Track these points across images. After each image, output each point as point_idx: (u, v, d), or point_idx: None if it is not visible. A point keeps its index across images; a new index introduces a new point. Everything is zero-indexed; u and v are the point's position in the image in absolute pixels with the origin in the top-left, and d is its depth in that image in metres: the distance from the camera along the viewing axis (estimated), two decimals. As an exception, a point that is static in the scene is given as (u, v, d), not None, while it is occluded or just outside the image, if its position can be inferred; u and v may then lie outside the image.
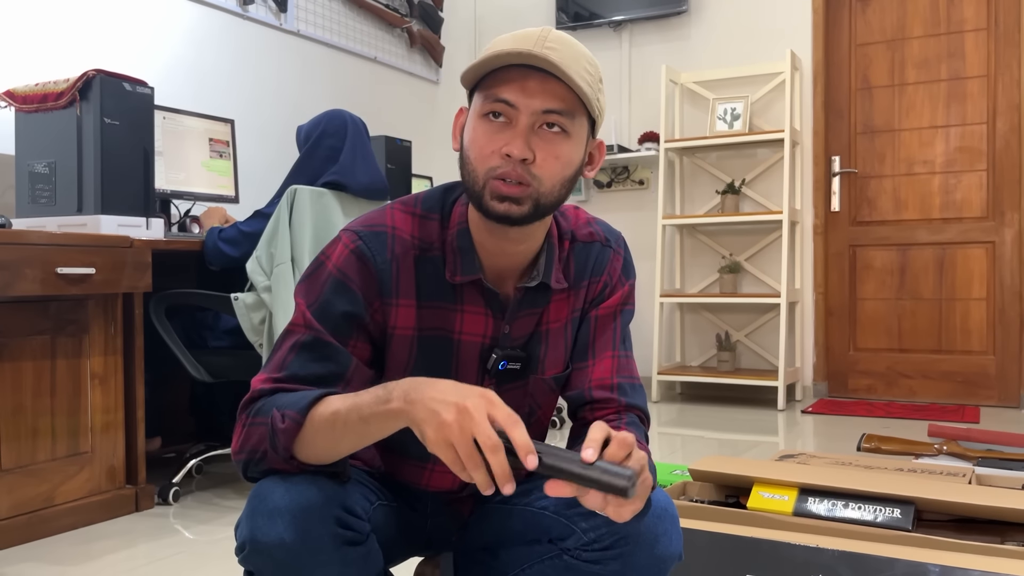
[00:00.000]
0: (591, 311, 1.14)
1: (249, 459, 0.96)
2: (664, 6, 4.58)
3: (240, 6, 3.66)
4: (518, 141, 0.96)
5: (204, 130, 3.13)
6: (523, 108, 0.96)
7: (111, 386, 2.38)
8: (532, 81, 0.96)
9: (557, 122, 0.97)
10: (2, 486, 2.11)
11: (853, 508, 1.56)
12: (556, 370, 1.14)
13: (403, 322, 1.05)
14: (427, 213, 1.08)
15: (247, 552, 0.92)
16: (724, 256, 4.53)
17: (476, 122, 1.00)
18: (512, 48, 0.95)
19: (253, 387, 1.00)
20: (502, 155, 0.97)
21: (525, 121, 0.96)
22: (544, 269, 1.08)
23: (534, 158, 0.97)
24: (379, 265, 1.03)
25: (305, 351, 1.00)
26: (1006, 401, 4.09)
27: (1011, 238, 4.08)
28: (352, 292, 1.02)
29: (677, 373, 4.38)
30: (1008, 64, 4.08)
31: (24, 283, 2.09)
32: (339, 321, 1.01)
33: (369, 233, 1.04)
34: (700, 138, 4.37)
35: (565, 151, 0.99)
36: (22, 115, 2.45)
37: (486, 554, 1.18)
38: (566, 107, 0.97)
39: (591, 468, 0.82)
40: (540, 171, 0.98)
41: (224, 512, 2.43)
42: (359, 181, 2.56)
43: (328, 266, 1.03)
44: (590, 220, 1.17)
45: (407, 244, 1.05)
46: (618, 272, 1.15)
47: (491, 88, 0.98)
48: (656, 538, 1.00)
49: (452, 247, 1.06)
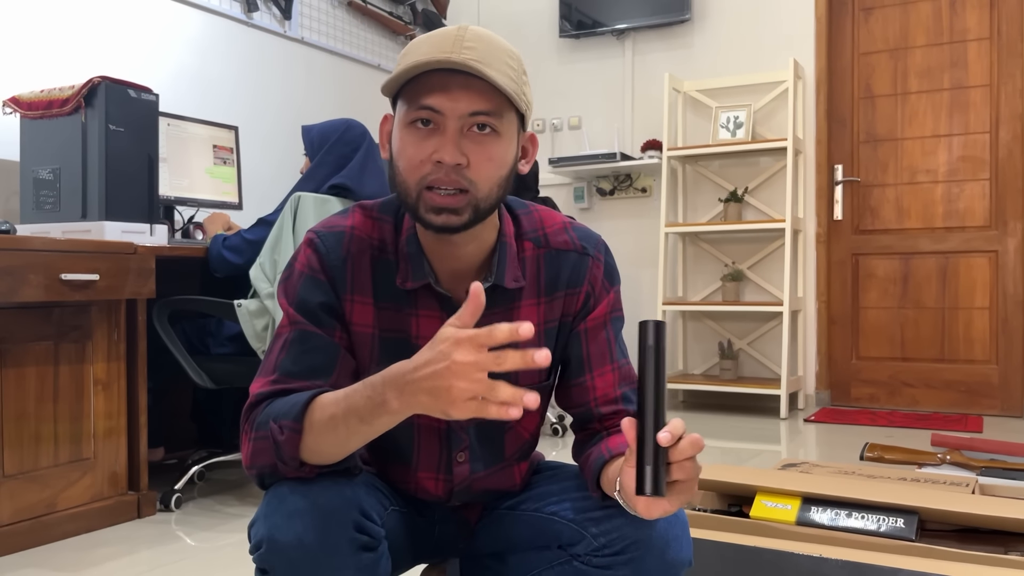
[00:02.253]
0: (578, 324, 1.11)
1: (261, 472, 0.97)
2: (667, 14, 4.59)
3: (245, 14, 3.67)
4: (449, 147, 0.94)
5: (208, 137, 3.14)
6: (449, 113, 0.94)
7: (114, 392, 2.39)
8: (455, 84, 0.94)
9: (486, 123, 0.96)
10: (4, 492, 2.11)
11: (856, 517, 1.56)
12: (531, 380, 1.11)
13: (360, 319, 1.05)
14: (382, 216, 1.08)
15: (264, 551, 0.92)
16: (727, 264, 4.53)
17: (403, 131, 0.98)
18: (431, 56, 0.93)
19: (251, 393, 1.01)
20: (433, 162, 0.95)
21: (453, 126, 0.95)
22: (497, 270, 1.06)
23: (468, 162, 0.95)
24: (332, 262, 1.04)
25: (294, 346, 1.01)
26: (1009, 411, 4.08)
27: (1014, 247, 4.08)
28: (322, 283, 1.04)
29: (680, 381, 4.37)
30: (1011, 73, 4.09)
31: (28, 289, 2.09)
32: (318, 312, 1.03)
33: (327, 232, 1.06)
34: (703, 146, 4.37)
35: (498, 151, 0.98)
36: (27, 121, 2.46)
37: (493, 560, 1.17)
38: (493, 107, 0.96)
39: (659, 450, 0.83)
40: (475, 175, 0.96)
41: (226, 519, 2.43)
42: (365, 190, 2.57)
43: (298, 267, 1.05)
44: (566, 225, 1.13)
45: (363, 244, 1.06)
46: (600, 280, 1.11)
47: (414, 96, 0.96)
48: (667, 543, 1.00)
49: (403, 253, 1.06)
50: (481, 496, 1.16)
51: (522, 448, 1.16)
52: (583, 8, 4.80)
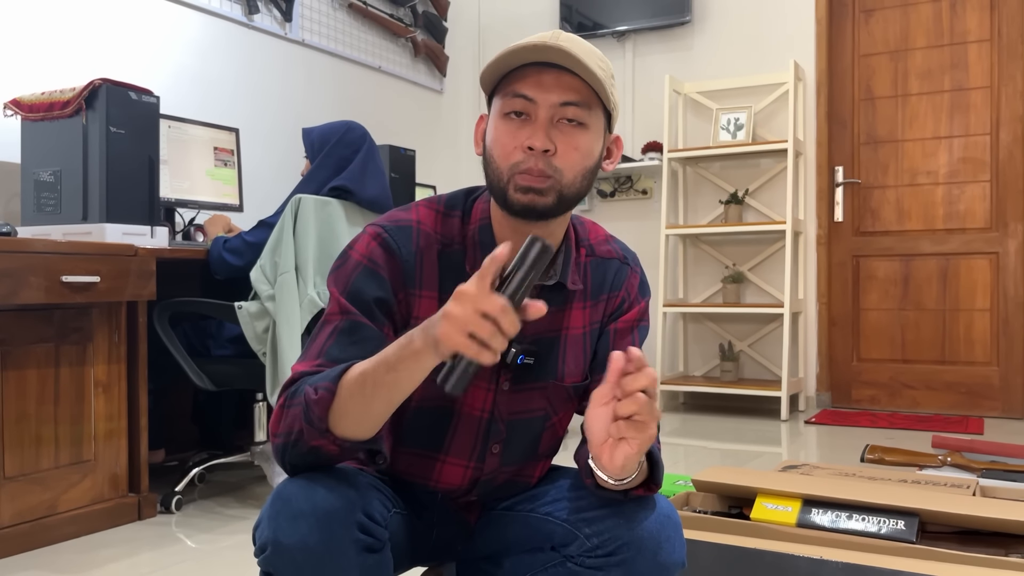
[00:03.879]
0: (610, 324, 1.16)
1: (286, 441, 0.97)
2: (667, 16, 4.60)
3: (245, 16, 3.68)
4: (539, 134, 1.00)
5: (209, 139, 3.14)
6: (541, 102, 1.00)
7: (114, 394, 2.39)
8: (548, 76, 1.00)
9: (575, 116, 1.01)
10: (5, 494, 2.11)
11: (857, 520, 1.56)
12: (575, 379, 1.15)
13: (426, 313, 1.05)
14: (449, 211, 1.11)
15: (268, 553, 0.93)
16: (727, 266, 4.53)
17: (497, 123, 1.04)
18: (527, 44, 0.99)
19: (293, 371, 1.01)
20: (524, 149, 1.00)
21: (544, 115, 1.00)
22: (561, 269, 1.11)
23: (555, 150, 1.01)
24: (404, 256, 1.06)
25: (344, 335, 1.02)
26: (1010, 412, 4.08)
27: (1014, 249, 4.08)
28: (381, 278, 1.04)
29: (680, 383, 4.37)
30: (1011, 75, 4.09)
31: (29, 291, 2.09)
32: (371, 306, 1.03)
33: (395, 227, 1.07)
34: (703, 148, 4.37)
35: (584, 142, 1.03)
36: (28, 123, 2.47)
37: (489, 564, 1.18)
38: (582, 99, 1.01)
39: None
40: (561, 162, 1.01)
41: (227, 521, 2.43)
42: (366, 192, 2.57)
43: (355, 256, 1.06)
44: (608, 238, 1.20)
45: (431, 238, 1.08)
46: (635, 289, 1.18)
47: (509, 86, 1.02)
48: (659, 545, 1.01)
49: (473, 241, 1.09)
50: (499, 490, 1.17)
51: (553, 446, 1.20)
52: (583, 10, 4.81)
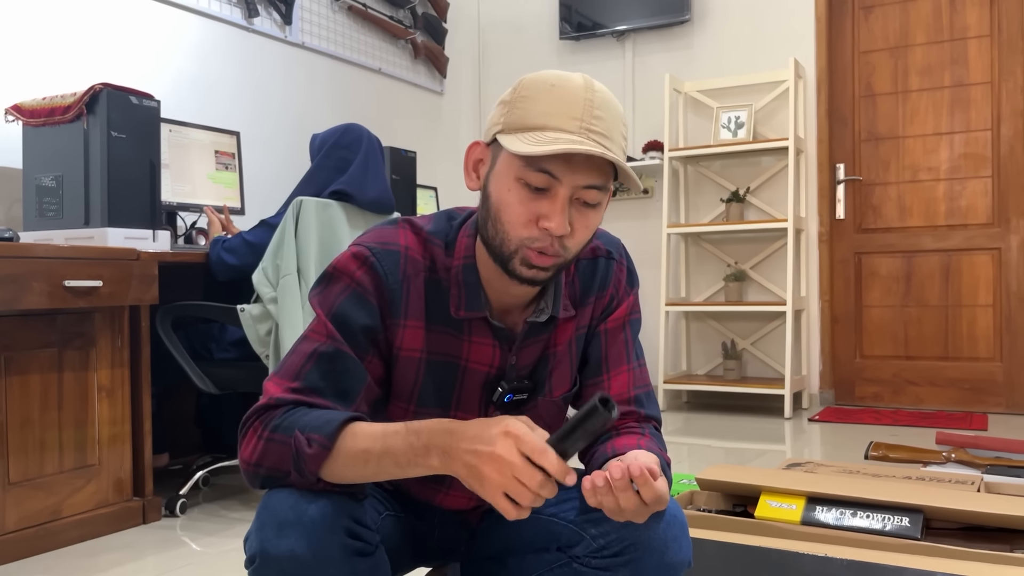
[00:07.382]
0: (599, 325, 1.14)
1: (268, 476, 0.95)
2: (667, 15, 4.60)
3: (245, 19, 3.68)
4: (558, 217, 0.95)
5: (210, 142, 3.14)
6: (566, 182, 0.95)
7: (118, 398, 2.39)
8: (578, 156, 0.94)
9: (594, 199, 0.98)
10: (10, 499, 2.11)
11: (861, 517, 1.56)
12: (563, 389, 1.14)
13: (410, 343, 1.05)
14: (432, 238, 1.07)
15: (257, 565, 0.92)
16: (729, 264, 4.53)
17: (511, 183, 0.97)
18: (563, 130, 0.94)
19: (269, 393, 0.98)
20: (540, 228, 0.96)
21: (565, 194, 0.95)
22: (553, 303, 1.09)
23: (571, 231, 0.97)
24: (390, 284, 1.03)
25: (325, 363, 0.99)
26: (1014, 408, 4.07)
27: (1017, 244, 4.07)
28: (370, 305, 1.02)
29: (683, 382, 4.37)
30: (1012, 70, 4.08)
31: (31, 296, 2.09)
32: (358, 335, 1.01)
33: (382, 251, 1.04)
34: (704, 147, 4.37)
35: (595, 221, 1.01)
36: (29, 129, 2.47)
37: (493, 563, 1.18)
38: (604, 181, 0.98)
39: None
40: (572, 242, 0.99)
41: (231, 524, 2.43)
42: (367, 194, 2.57)
43: (344, 279, 1.03)
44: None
45: (418, 265, 1.05)
46: (623, 283, 1.16)
47: (534, 156, 0.95)
48: (666, 544, 1.00)
49: (457, 280, 1.05)
50: None
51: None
52: (583, 10, 4.81)
